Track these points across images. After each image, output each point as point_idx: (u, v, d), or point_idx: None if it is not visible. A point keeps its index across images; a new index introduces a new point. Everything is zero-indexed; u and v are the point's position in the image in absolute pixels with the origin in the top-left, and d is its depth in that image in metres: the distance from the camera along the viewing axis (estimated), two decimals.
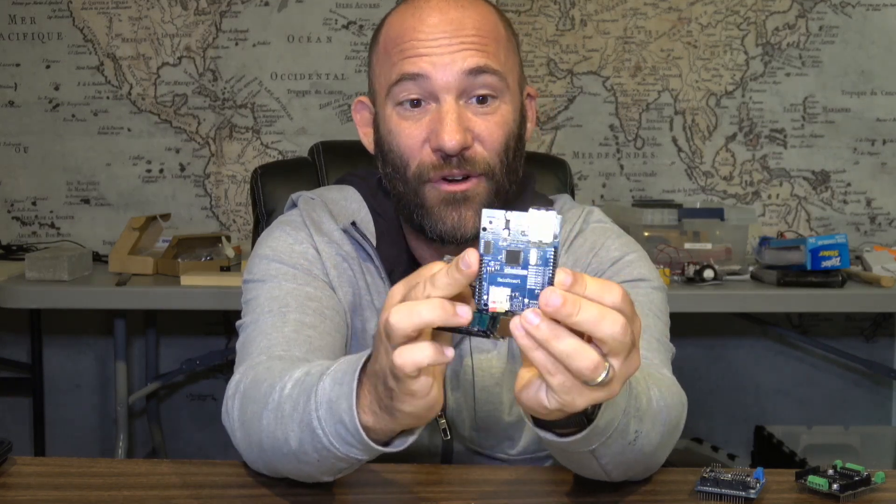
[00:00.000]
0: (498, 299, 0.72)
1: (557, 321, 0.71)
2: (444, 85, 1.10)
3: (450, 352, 0.75)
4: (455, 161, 1.10)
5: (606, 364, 0.72)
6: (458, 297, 0.73)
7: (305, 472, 0.95)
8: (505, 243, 0.72)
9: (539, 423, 0.85)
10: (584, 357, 0.71)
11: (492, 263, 0.72)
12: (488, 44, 1.12)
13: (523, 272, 0.72)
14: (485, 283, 0.72)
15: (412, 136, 1.12)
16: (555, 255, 0.72)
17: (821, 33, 3.00)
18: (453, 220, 1.12)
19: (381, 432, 0.85)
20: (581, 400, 0.74)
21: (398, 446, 0.86)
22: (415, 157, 1.12)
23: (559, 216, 0.72)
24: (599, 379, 0.72)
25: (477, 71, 1.10)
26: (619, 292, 0.72)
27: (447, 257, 0.78)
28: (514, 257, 0.72)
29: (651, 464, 0.99)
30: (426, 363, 0.74)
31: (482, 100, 1.12)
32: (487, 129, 1.12)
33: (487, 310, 0.73)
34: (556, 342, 0.71)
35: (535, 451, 1.23)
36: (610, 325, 0.71)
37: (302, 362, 1.01)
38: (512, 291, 0.72)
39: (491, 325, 0.74)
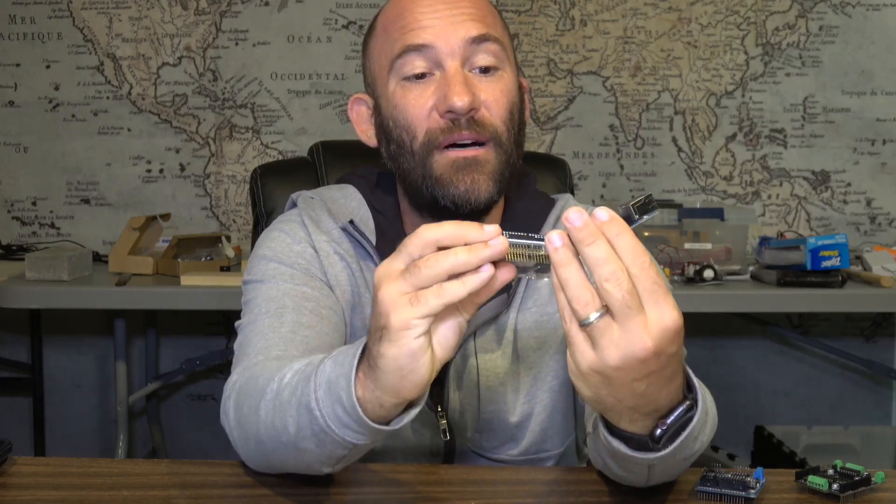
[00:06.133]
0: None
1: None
2: (449, 52, 1.12)
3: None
4: (464, 122, 1.11)
5: (600, 308, 0.74)
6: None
7: (305, 463, 0.94)
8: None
9: (611, 432, 0.85)
10: (580, 289, 0.74)
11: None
12: (486, 15, 1.15)
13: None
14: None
15: (418, 104, 1.13)
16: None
17: (821, 33, 3.00)
18: (466, 185, 1.11)
19: (373, 407, 0.83)
20: (580, 354, 0.76)
21: (396, 423, 0.85)
22: (422, 125, 1.13)
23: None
24: (590, 318, 0.74)
25: (480, 39, 1.12)
26: (646, 258, 0.74)
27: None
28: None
29: (678, 473, 0.99)
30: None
31: (485, 70, 1.13)
32: (493, 95, 1.13)
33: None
34: (562, 268, 0.75)
35: (537, 452, 1.23)
36: (610, 271, 0.73)
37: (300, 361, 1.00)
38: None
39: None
